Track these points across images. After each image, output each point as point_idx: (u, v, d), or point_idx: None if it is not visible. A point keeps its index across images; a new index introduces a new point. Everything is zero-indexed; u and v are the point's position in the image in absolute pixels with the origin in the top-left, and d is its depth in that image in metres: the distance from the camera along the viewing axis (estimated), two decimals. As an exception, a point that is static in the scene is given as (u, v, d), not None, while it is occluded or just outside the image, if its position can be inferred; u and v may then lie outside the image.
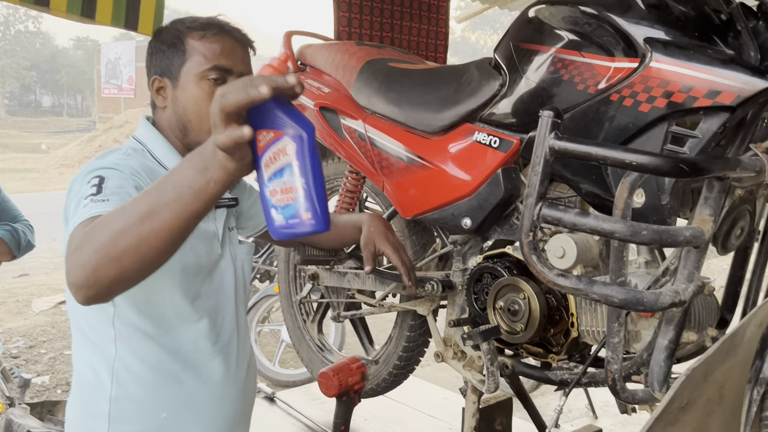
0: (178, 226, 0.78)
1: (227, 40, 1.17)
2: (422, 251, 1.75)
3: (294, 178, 0.74)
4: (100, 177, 1.01)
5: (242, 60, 1.19)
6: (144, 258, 0.79)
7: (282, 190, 0.75)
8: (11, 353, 4.61)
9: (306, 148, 0.73)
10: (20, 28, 43.59)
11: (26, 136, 28.51)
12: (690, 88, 1.03)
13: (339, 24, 2.67)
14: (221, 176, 0.75)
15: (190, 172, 0.76)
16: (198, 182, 0.75)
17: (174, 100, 1.18)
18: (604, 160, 0.93)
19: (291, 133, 0.73)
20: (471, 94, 1.42)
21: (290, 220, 0.76)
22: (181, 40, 1.16)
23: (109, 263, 0.79)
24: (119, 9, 2.29)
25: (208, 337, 1.19)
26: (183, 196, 0.76)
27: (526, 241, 0.99)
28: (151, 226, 0.77)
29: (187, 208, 0.76)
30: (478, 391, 1.60)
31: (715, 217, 1.01)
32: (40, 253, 6.96)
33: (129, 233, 0.78)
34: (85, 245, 0.82)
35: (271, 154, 0.75)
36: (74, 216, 0.94)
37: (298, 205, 0.74)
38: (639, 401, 1.17)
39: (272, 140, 0.75)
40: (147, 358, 1.14)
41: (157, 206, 0.77)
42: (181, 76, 1.16)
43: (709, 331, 1.22)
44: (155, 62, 1.19)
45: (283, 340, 4.31)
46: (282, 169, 0.74)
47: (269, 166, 0.75)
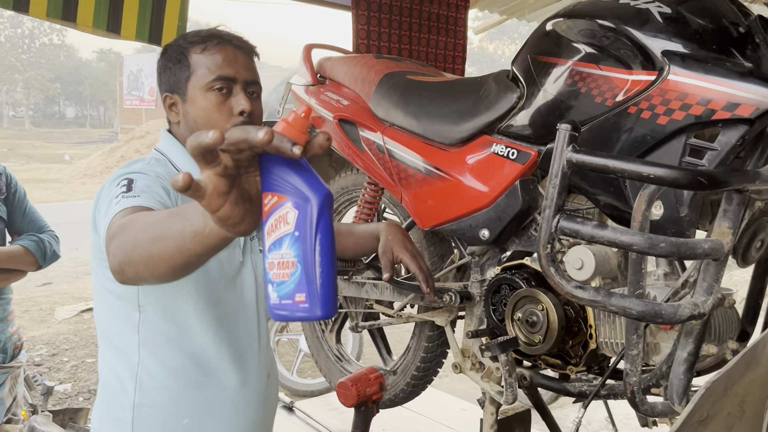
0: (178, 259, 0.76)
1: (228, 49, 1.20)
2: (440, 262, 1.76)
3: (292, 251, 0.63)
4: (129, 179, 1.06)
5: (245, 67, 1.21)
6: (153, 273, 0.81)
7: (279, 263, 0.64)
8: (34, 361, 4.67)
9: (311, 217, 0.62)
10: (45, 41, 44.40)
11: (50, 146, 28.97)
12: (708, 100, 1.03)
13: (358, 37, 2.70)
14: (215, 227, 0.68)
15: (196, 211, 0.72)
16: (198, 224, 0.71)
17: (185, 114, 1.21)
18: (622, 172, 0.93)
19: (294, 199, 0.63)
20: (489, 107, 1.43)
21: (283, 301, 0.65)
22: (184, 55, 1.20)
23: (129, 263, 0.83)
24: (143, 24, 2.34)
25: (230, 344, 1.21)
26: (185, 232, 0.73)
27: (544, 253, 1.00)
28: (158, 249, 0.77)
29: (186, 246, 0.73)
30: (497, 403, 1.60)
31: (734, 229, 1.01)
32: (63, 262, 7.06)
33: (142, 247, 0.80)
34: (118, 237, 0.87)
35: (273, 221, 0.65)
36: (107, 213, 0.98)
37: (293, 284, 0.63)
38: (658, 414, 1.16)
39: (275, 205, 0.64)
40: (170, 364, 1.17)
41: (166, 233, 0.76)
42: (189, 91, 1.20)
43: (730, 343, 1.22)
44: (164, 80, 1.23)
45: (301, 349, 4.32)
46: (281, 240, 0.64)
47: (270, 234, 0.65)
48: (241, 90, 1.20)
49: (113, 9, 2.22)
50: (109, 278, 1.14)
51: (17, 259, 2.13)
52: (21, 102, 42.22)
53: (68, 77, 45.85)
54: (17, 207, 2.21)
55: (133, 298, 1.14)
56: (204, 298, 1.16)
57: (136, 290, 1.14)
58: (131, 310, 1.15)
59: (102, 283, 1.17)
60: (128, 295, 1.14)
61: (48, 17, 2.15)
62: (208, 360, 1.19)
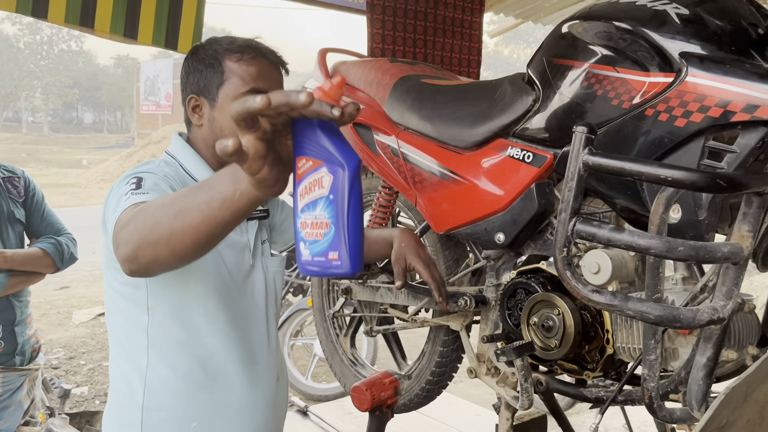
0: (204, 230, 0.78)
1: (264, 63, 1.20)
2: (455, 266, 1.75)
3: (326, 213, 0.68)
4: (138, 177, 1.07)
5: (277, 82, 1.22)
6: (174, 250, 0.82)
7: (312, 224, 0.70)
8: (52, 364, 4.72)
9: (344, 181, 0.67)
10: (63, 47, 44.99)
11: (68, 152, 29.32)
12: (727, 102, 1.02)
13: (372, 41, 2.71)
14: (248, 189, 0.72)
15: (225, 178, 0.75)
16: (227, 190, 0.74)
17: (211, 119, 1.21)
18: (639, 175, 0.92)
19: (329, 164, 0.68)
20: (504, 110, 1.43)
21: (316, 258, 0.70)
22: (218, 61, 1.19)
23: (146, 246, 0.83)
24: (160, 29, 2.36)
25: (239, 347, 1.22)
26: (212, 201, 0.75)
27: (560, 257, 0.99)
28: (182, 222, 0.79)
29: (214, 214, 0.76)
30: (512, 408, 1.59)
31: (754, 233, 0.99)
32: (81, 266, 7.13)
33: (163, 224, 0.81)
34: (131, 223, 0.86)
35: (307, 183, 0.69)
36: (116, 210, 0.98)
37: (326, 243, 0.69)
38: (677, 420, 1.14)
39: (310, 169, 0.69)
40: (178, 367, 1.17)
41: (191, 205, 0.78)
42: (219, 97, 1.19)
43: (750, 349, 1.20)
44: (192, 81, 1.23)
45: (315, 353, 4.33)
46: (315, 202, 0.69)
47: (304, 196, 0.70)
48: None
49: (130, 15, 2.25)
50: (119, 280, 1.15)
51: (36, 262, 2.16)
52: (40, 108, 42.81)
53: (86, 83, 46.42)
54: (35, 210, 2.24)
55: (142, 301, 1.15)
56: (213, 301, 1.17)
57: (145, 292, 1.14)
58: (140, 312, 1.15)
59: (112, 286, 1.18)
60: (137, 297, 1.15)
61: (66, 23, 2.17)
62: (217, 363, 1.20)
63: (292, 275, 5.00)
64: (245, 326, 1.23)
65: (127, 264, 0.86)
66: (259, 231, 1.32)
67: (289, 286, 5.00)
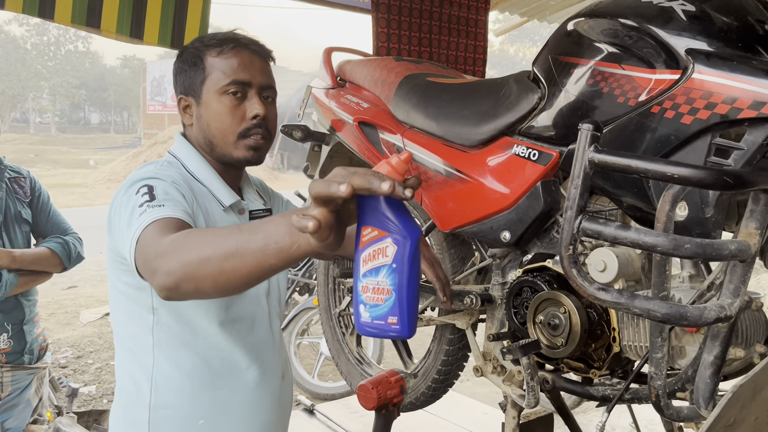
0: (256, 274, 0.81)
1: (244, 54, 1.20)
2: (461, 265, 1.75)
3: (388, 280, 0.74)
4: (148, 186, 1.06)
5: (261, 71, 1.22)
6: (220, 287, 0.84)
7: (374, 289, 0.75)
8: (60, 363, 4.74)
9: (407, 253, 0.73)
10: (70, 48, 45.14)
11: (75, 152, 29.45)
12: (734, 99, 1.01)
13: (378, 40, 2.71)
14: (305, 245, 0.75)
15: (282, 229, 0.78)
16: (285, 241, 0.77)
17: (199, 117, 1.22)
18: (645, 172, 0.92)
19: (395, 236, 0.73)
20: (510, 108, 1.42)
21: (375, 321, 0.76)
22: (200, 58, 1.20)
23: (191, 280, 0.85)
24: (165, 29, 2.37)
25: (243, 346, 1.22)
26: (268, 249, 0.78)
27: (566, 255, 0.99)
28: (234, 264, 0.81)
29: (268, 261, 0.79)
30: (518, 406, 1.59)
31: (761, 230, 0.99)
32: (88, 265, 7.16)
33: (213, 263, 0.83)
34: (173, 255, 0.87)
35: (372, 251, 0.75)
36: (132, 223, 0.98)
37: (387, 308, 0.74)
38: (684, 419, 1.14)
39: (375, 238, 0.75)
40: (184, 365, 1.17)
41: (244, 249, 0.80)
42: (203, 94, 1.20)
43: (757, 347, 1.19)
44: (179, 82, 1.24)
45: (322, 352, 4.33)
46: (378, 269, 0.75)
47: (367, 262, 0.75)
48: (256, 94, 1.20)
49: (136, 15, 2.25)
50: (124, 281, 1.15)
51: (43, 261, 2.17)
52: (47, 108, 43.00)
53: (93, 84, 46.57)
54: (42, 210, 2.25)
55: (146, 301, 1.15)
56: (216, 301, 1.17)
57: (149, 293, 1.15)
58: (145, 312, 1.16)
59: (116, 286, 1.18)
60: (142, 298, 1.15)
61: (73, 23, 2.18)
62: (222, 361, 1.20)
63: (298, 274, 5.00)
64: (249, 325, 1.24)
65: (166, 292, 0.88)
66: None
67: (295, 285, 5.00)
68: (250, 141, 1.21)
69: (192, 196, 1.15)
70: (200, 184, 1.22)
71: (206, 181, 1.22)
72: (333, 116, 1.88)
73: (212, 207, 1.20)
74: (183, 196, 1.10)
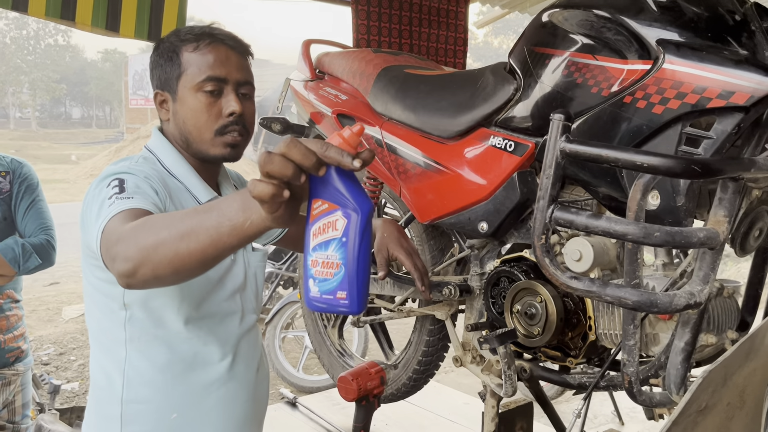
0: (210, 254, 0.80)
1: (221, 49, 1.19)
2: (440, 256, 1.76)
3: (337, 254, 0.72)
4: (119, 179, 1.05)
5: (237, 67, 1.21)
6: (176, 270, 0.84)
7: (323, 263, 0.74)
8: (42, 360, 4.70)
9: (356, 227, 0.72)
10: (50, 42, 44.58)
11: (56, 147, 29.12)
12: (703, 89, 1.02)
13: (357, 32, 2.70)
14: (257, 220, 0.75)
15: (235, 205, 0.77)
16: (237, 218, 0.76)
17: (175, 113, 1.21)
18: (616, 162, 0.93)
19: (344, 209, 0.72)
20: (486, 99, 1.43)
21: (324, 295, 0.74)
22: (176, 53, 1.19)
23: (148, 264, 0.84)
24: (142, 22, 2.35)
25: (217, 340, 1.22)
26: (222, 227, 0.78)
27: (539, 244, 1.00)
28: (188, 245, 0.81)
29: (222, 239, 0.78)
30: (497, 396, 1.60)
31: (730, 218, 1.00)
32: (70, 261, 7.10)
33: (168, 245, 0.82)
34: (131, 240, 0.87)
35: (321, 224, 0.74)
36: (101, 214, 0.98)
37: (335, 282, 0.73)
38: (656, 404, 1.16)
39: (325, 211, 0.73)
40: (156, 359, 1.17)
41: (198, 228, 0.80)
42: (179, 90, 1.19)
43: (729, 333, 1.21)
44: (155, 76, 1.23)
45: (306, 346, 4.34)
46: (328, 242, 0.73)
47: (317, 235, 0.74)
48: (232, 91, 1.19)
49: (112, 7, 2.22)
50: (97, 276, 1.14)
51: None
52: (27, 103, 42.45)
53: (74, 78, 46.04)
54: (21, 206, 2.19)
55: (119, 296, 1.14)
56: (190, 296, 1.17)
57: (122, 289, 1.13)
58: (117, 307, 1.15)
59: (90, 282, 1.17)
60: (114, 293, 1.14)
61: (47, 16, 2.15)
62: (195, 355, 1.20)
63: (282, 268, 5.00)
64: (224, 319, 1.23)
65: (125, 279, 0.87)
66: None
67: (279, 279, 4.99)
68: (227, 138, 1.20)
69: (166, 193, 1.14)
70: (176, 180, 1.21)
71: (182, 177, 1.22)
72: (312, 109, 1.88)
73: (188, 203, 1.20)
74: (156, 191, 1.09)
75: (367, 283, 0.74)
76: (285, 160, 0.68)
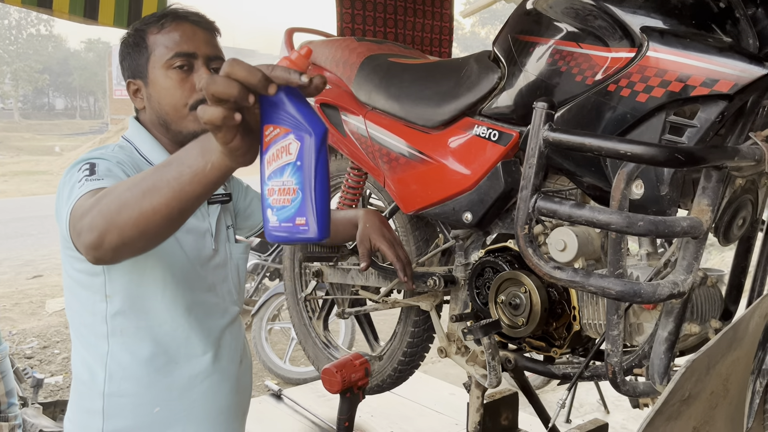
0: (175, 206, 0.78)
1: (186, 26, 1.18)
2: (425, 246, 1.74)
3: (293, 179, 0.70)
4: (90, 163, 1.04)
5: (206, 42, 1.19)
6: (143, 231, 0.81)
7: (280, 190, 0.71)
8: (25, 353, 4.66)
9: (312, 148, 0.69)
10: (32, 31, 43.98)
11: (40, 138, 28.79)
12: (687, 76, 1.01)
13: (342, 20, 2.68)
14: (218, 160, 0.73)
15: (193, 152, 0.75)
16: (198, 163, 0.74)
17: (149, 97, 1.20)
18: (599, 150, 0.92)
19: (297, 131, 0.69)
20: (470, 88, 1.41)
21: (283, 224, 0.71)
22: (142, 38, 1.18)
23: (113, 230, 0.82)
24: (121, 9, 2.30)
25: (200, 332, 1.20)
26: (182, 176, 0.76)
27: (522, 234, 0.99)
28: (150, 201, 0.78)
29: (185, 189, 0.76)
30: (482, 387, 1.60)
31: (713, 207, 1.00)
32: (54, 254, 7.04)
33: (131, 205, 0.80)
34: (94, 209, 0.85)
35: (275, 150, 0.71)
36: (71, 197, 0.96)
37: (294, 209, 0.70)
38: (640, 394, 1.15)
39: (277, 136, 0.70)
40: (139, 353, 1.16)
41: (159, 182, 0.78)
42: (149, 73, 1.18)
43: (712, 323, 1.21)
44: (125, 67, 1.22)
45: (293, 337, 4.32)
46: (283, 168, 0.70)
47: (271, 163, 0.71)
48: (203, 65, 1.18)
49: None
50: (77, 268, 1.12)
51: None
52: (9, 94, 41.89)
53: (57, 68, 45.49)
54: None
55: (99, 288, 1.13)
56: (171, 287, 1.15)
57: (102, 280, 1.12)
58: (98, 300, 1.14)
59: (70, 274, 1.16)
60: (95, 285, 1.13)
61: (24, 4, 2.10)
62: (178, 348, 1.19)
63: (268, 260, 4.97)
64: (206, 311, 1.22)
65: (93, 251, 0.85)
66: (223, 216, 1.30)
67: (265, 271, 4.97)
68: None
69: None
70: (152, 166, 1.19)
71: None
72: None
73: None
74: (127, 176, 1.08)
75: (327, 208, 0.71)
76: (229, 80, 0.65)
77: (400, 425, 2.44)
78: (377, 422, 2.46)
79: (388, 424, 2.43)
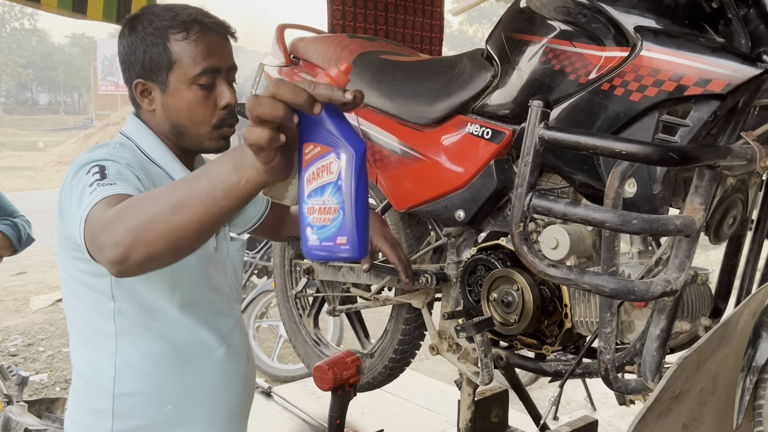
0: (207, 221, 0.77)
1: (212, 37, 1.13)
2: (417, 244, 1.75)
3: (334, 198, 0.69)
4: (99, 166, 1.00)
5: (228, 54, 1.16)
6: (173, 246, 0.80)
7: (320, 209, 0.71)
8: (9, 351, 4.61)
9: (352, 167, 0.68)
10: (16, 25, 43.49)
11: (23, 134, 28.48)
12: (680, 76, 1.02)
13: (333, 17, 2.67)
14: (254, 176, 0.72)
15: (226, 167, 0.74)
16: (231, 179, 0.73)
17: (165, 106, 1.14)
18: (594, 149, 0.93)
19: (337, 150, 0.68)
20: (463, 86, 1.42)
21: (324, 243, 0.71)
22: (163, 41, 1.11)
23: (141, 245, 0.80)
24: (110, 3, 2.28)
25: (208, 329, 1.20)
26: (215, 191, 0.74)
27: (517, 232, 0.99)
28: (182, 216, 0.77)
29: (218, 204, 0.75)
30: (473, 384, 1.60)
31: (706, 205, 1.01)
32: (38, 251, 6.96)
33: (161, 220, 0.79)
34: (119, 224, 0.83)
35: (315, 169, 0.70)
36: (82, 203, 0.93)
37: (335, 228, 0.70)
38: (632, 391, 1.17)
39: (318, 155, 0.70)
40: (149, 351, 1.14)
41: (190, 197, 0.77)
42: (171, 83, 1.12)
43: (702, 320, 1.22)
44: (136, 62, 1.14)
45: (281, 335, 4.31)
46: (323, 187, 0.70)
47: (311, 181, 0.71)
48: (225, 81, 1.15)
49: (79, -11, 2.16)
50: (80, 269, 1.10)
51: None
52: (-8, 89, 41.40)
53: (41, 63, 44.97)
54: None
55: (106, 289, 1.10)
56: (179, 286, 1.14)
57: (109, 281, 1.10)
58: (105, 300, 1.11)
59: (71, 274, 1.13)
60: (101, 285, 1.10)
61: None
62: (188, 345, 1.17)
63: (256, 257, 4.95)
64: (213, 309, 1.21)
65: (117, 266, 0.83)
66: None
67: (253, 268, 4.95)
68: (223, 131, 1.17)
69: (149, 180, 1.09)
70: (156, 166, 1.16)
71: (163, 163, 1.17)
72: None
73: None
74: (138, 178, 1.04)
75: (366, 226, 0.71)
76: (274, 101, 0.65)
77: (390, 422, 2.44)
78: (367, 420, 2.46)
79: (379, 422, 2.43)
